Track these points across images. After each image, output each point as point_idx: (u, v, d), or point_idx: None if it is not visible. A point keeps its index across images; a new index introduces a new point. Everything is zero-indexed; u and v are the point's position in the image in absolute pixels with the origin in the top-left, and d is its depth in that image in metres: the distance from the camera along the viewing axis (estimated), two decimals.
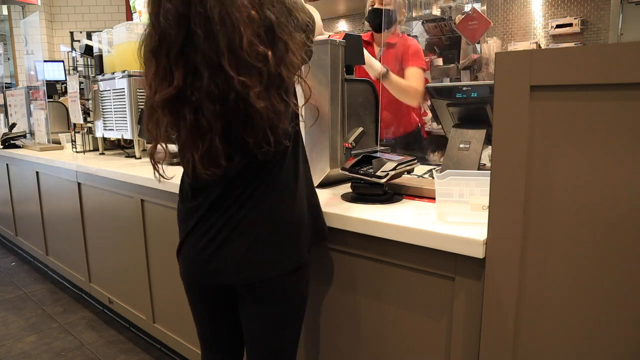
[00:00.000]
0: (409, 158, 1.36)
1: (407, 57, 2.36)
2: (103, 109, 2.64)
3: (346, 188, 1.50)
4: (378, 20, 2.35)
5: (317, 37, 1.53)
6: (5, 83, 5.31)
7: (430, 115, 2.34)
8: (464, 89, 1.38)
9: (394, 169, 1.27)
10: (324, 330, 1.37)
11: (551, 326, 0.90)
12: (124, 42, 2.50)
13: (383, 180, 1.26)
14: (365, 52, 2.31)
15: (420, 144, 2.63)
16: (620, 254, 0.81)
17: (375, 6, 2.35)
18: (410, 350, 1.17)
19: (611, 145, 0.80)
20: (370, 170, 1.29)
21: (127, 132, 2.45)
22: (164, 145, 1.01)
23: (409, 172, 1.44)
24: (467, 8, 3.22)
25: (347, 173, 1.34)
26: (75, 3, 6.98)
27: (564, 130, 0.84)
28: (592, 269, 0.84)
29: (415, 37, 4.11)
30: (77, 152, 2.92)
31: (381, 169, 1.27)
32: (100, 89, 2.63)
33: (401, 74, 2.31)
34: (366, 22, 2.55)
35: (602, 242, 0.83)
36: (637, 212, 0.79)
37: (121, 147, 2.77)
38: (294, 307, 1.11)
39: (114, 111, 2.53)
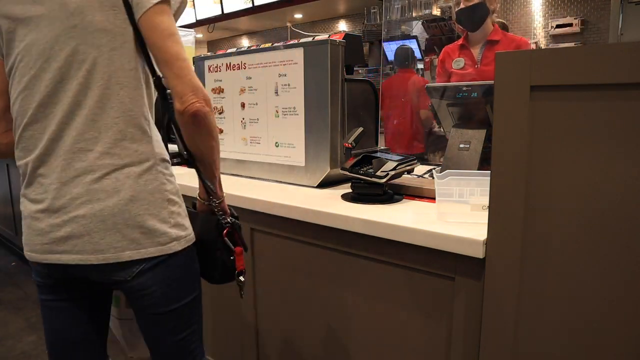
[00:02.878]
0: (409, 158, 1.36)
1: None
2: None
3: (346, 188, 1.50)
4: (470, 19, 2.12)
5: (318, 37, 1.53)
6: None
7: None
8: (464, 89, 1.38)
9: (394, 169, 1.27)
10: (323, 329, 1.37)
11: (551, 326, 0.90)
12: None
13: (383, 181, 1.26)
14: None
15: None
16: (621, 254, 0.81)
17: (461, 6, 2.12)
18: (410, 350, 1.17)
19: (611, 145, 0.80)
20: (370, 170, 1.29)
21: None
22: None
23: (409, 172, 1.43)
24: None
25: (347, 173, 1.34)
26: None
27: (564, 130, 0.84)
28: (592, 269, 0.84)
29: (415, 37, 4.12)
30: None
31: (381, 169, 1.27)
32: None
33: None
34: (456, 25, 2.33)
35: (602, 242, 0.83)
36: (637, 212, 0.79)
37: None
38: None
39: None
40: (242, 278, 1.13)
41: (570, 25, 3.80)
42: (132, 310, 1.08)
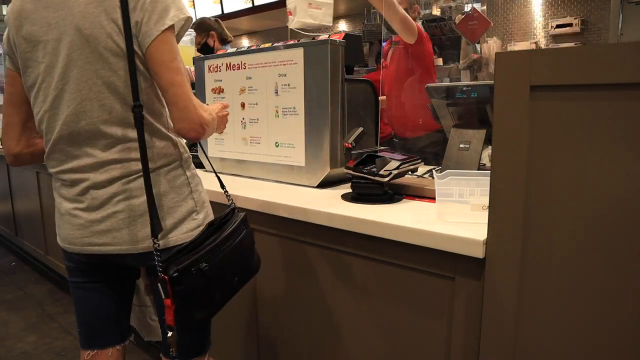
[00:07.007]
0: (413, 157, 1.36)
1: None
2: None
3: (346, 188, 1.50)
4: None
5: (318, 37, 1.53)
6: None
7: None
8: (464, 89, 1.38)
9: (397, 167, 1.27)
10: (323, 329, 1.37)
11: (551, 326, 0.90)
12: None
13: (386, 179, 1.26)
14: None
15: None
16: (621, 254, 0.81)
17: None
18: (410, 350, 1.17)
19: (611, 145, 0.80)
20: (374, 169, 1.29)
21: None
22: None
23: (413, 171, 1.43)
24: (467, 8, 3.22)
25: (351, 172, 1.34)
26: None
27: (564, 130, 0.84)
28: (592, 268, 0.84)
29: None
30: None
31: (384, 168, 1.27)
32: None
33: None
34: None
35: (602, 241, 0.83)
36: (637, 212, 0.79)
37: None
38: None
39: None
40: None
41: (570, 25, 3.80)
42: (151, 297, 1.20)
